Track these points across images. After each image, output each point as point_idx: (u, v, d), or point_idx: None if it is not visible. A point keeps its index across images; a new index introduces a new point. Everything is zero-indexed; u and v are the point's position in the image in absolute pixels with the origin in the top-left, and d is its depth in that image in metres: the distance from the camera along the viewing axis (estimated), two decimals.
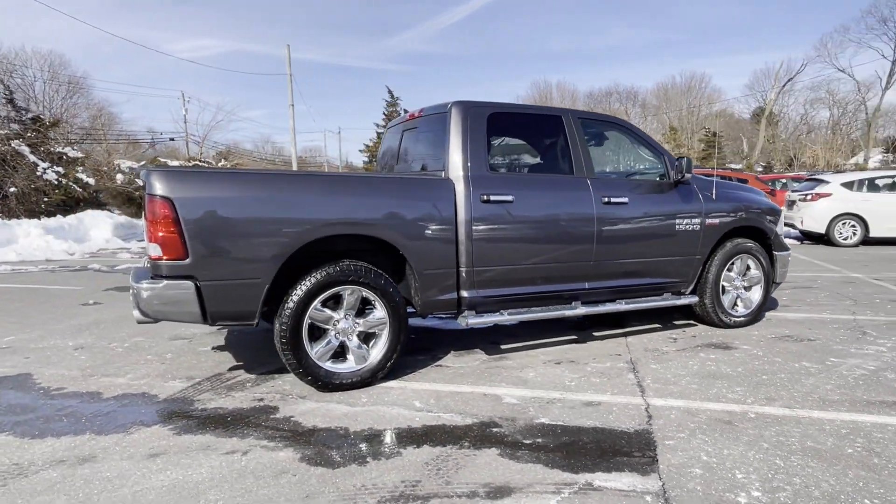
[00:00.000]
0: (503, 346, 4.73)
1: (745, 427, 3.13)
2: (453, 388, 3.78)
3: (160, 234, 3.26)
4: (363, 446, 2.95)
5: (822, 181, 12.33)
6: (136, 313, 3.48)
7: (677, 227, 4.81)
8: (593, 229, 4.42)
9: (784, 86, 49.54)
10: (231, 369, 4.21)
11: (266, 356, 4.49)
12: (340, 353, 3.79)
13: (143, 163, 21.41)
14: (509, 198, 4.10)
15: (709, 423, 3.18)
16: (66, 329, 5.43)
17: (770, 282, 5.39)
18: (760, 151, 50.38)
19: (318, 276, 3.58)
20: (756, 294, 5.35)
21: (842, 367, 4.14)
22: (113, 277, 8.74)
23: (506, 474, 2.65)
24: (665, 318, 5.61)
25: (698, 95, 70.53)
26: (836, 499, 2.42)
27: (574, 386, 3.79)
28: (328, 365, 3.71)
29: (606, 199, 4.47)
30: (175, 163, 22.71)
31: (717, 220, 4.99)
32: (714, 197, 5.00)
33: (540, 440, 3.00)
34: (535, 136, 4.52)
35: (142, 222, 18.28)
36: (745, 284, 5.32)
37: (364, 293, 3.75)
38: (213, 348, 4.77)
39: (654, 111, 73.43)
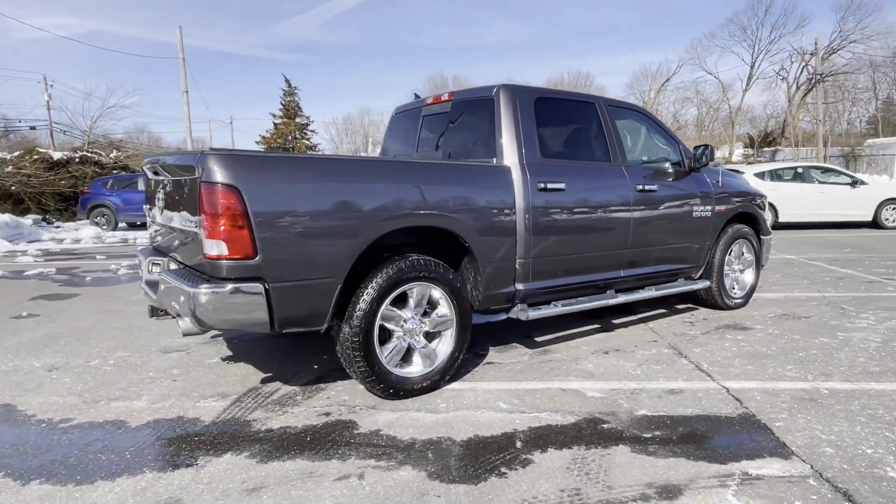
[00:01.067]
0: (538, 339, 4.60)
1: (829, 403, 3.25)
2: (524, 385, 3.60)
3: (224, 228, 2.77)
4: (486, 456, 2.70)
5: (738, 172, 13.48)
6: (186, 324, 2.94)
7: (694, 213, 4.94)
8: (630, 217, 4.41)
9: (662, 85, 53.75)
10: (264, 381, 3.72)
11: (292, 365, 4.03)
12: (404, 357, 3.47)
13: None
14: (562, 185, 3.97)
15: (796, 402, 3.27)
16: (18, 347, 4.54)
17: (760, 265, 5.73)
18: None
19: (391, 272, 3.24)
20: (749, 276, 5.66)
21: (854, 340, 4.47)
22: (30, 285, 7.51)
23: (658, 471, 2.53)
24: (666, 304, 5.78)
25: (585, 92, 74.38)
26: None
27: (641, 375, 3.76)
28: (398, 370, 3.38)
29: (640, 187, 4.48)
30: (57, 155, 20.13)
31: (724, 207, 5.20)
32: (720, 184, 5.20)
33: (659, 433, 2.92)
34: (575, 122, 4.42)
35: (28, 221, 16.08)
36: (740, 268, 5.60)
37: (431, 290, 3.45)
38: (224, 359, 4.21)
39: None
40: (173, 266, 3.47)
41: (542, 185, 3.85)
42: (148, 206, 3.95)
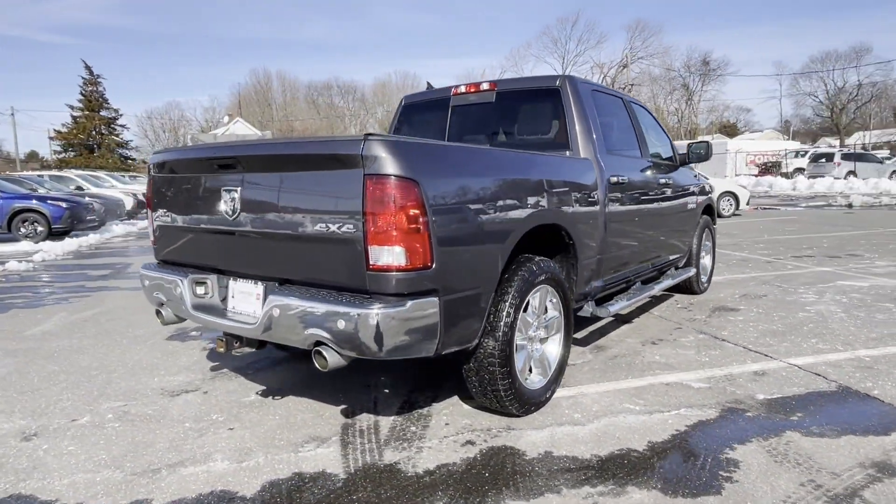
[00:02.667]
0: (578, 337, 4.53)
1: (886, 368, 3.67)
2: (624, 384, 3.51)
3: (401, 232, 2.24)
4: (689, 461, 2.56)
5: None
6: (333, 358, 2.33)
7: (688, 205, 5.27)
8: (659, 209, 4.55)
9: None
10: (349, 415, 3.13)
11: (352, 392, 3.46)
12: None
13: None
14: (626, 178, 3.95)
15: (860, 371, 3.63)
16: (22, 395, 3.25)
17: (715, 251, 6.31)
18: None
19: (526, 276, 2.92)
20: (708, 261, 6.21)
21: (825, 313, 5.12)
22: None
23: (853, 449, 2.62)
24: None
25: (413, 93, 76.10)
26: None
27: (710, 361, 3.89)
28: (528, 382, 3.06)
29: (663, 180, 4.65)
30: None
31: (702, 198, 5.62)
32: (697, 177, 5.62)
33: (801, 413, 3.03)
34: (615, 116, 4.40)
35: None
36: (704, 254, 6.12)
37: (549, 292, 3.19)
38: (262, 395, 3.45)
39: (373, 105, 76.81)
40: (252, 284, 2.75)
41: (616, 179, 3.79)
42: (182, 211, 3.06)
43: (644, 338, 4.47)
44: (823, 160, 27.79)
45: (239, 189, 2.68)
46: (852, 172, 26.27)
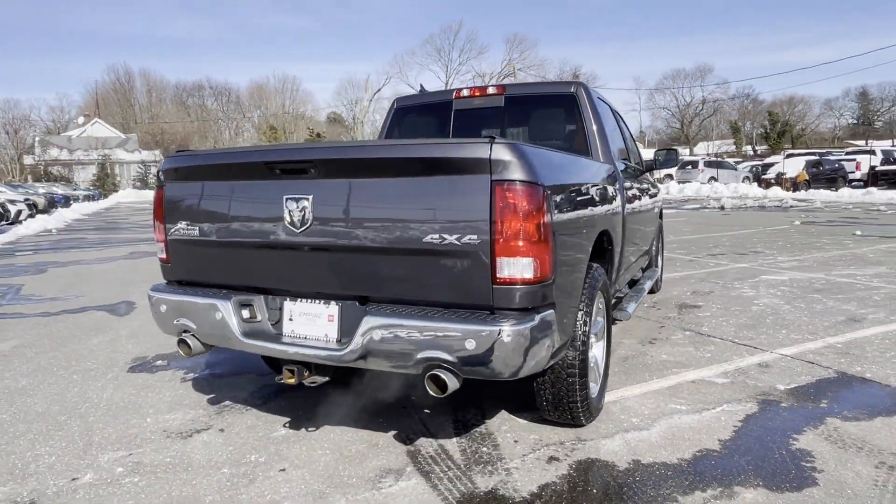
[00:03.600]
0: None
1: (865, 352, 4.09)
2: (654, 385, 3.59)
3: (530, 242, 2.10)
4: (771, 456, 2.66)
5: None
6: (453, 380, 2.12)
7: (655, 209, 5.55)
8: (645, 212, 4.74)
9: (375, 94, 56.80)
10: (407, 441, 2.89)
11: (384, 415, 3.21)
12: None
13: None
14: (635, 185, 4.06)
15: (845, 357, 4.01)
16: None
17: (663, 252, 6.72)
18: None
19: (594, 284, 2.87)
20: (660, 262, 6.59)
21: (772, 305, 5.63)
22: None
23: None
24: None
25: (292, 97, 73.82)
26: None
27: (713, 357, 4.10)
28: (590, 392, 3.02)
29: (646, 185, 4.85)
30: None
31: (660, 201, 5.96)
32: (654, 182, 5.95)
33: (827, 401, 3.28)
34: (610, 122, 4.50)
35: None
36: (659, 255, 6.49)
37: (600, 299, 3.18)
38: (289, 426, 3.09)
39: (249, 108, 73.29)
40: (322, 305, 2.44)
41: (629, 185, 3.89)
42: (216, 223, 2.63)
43: (639, 338, 4.62)
44: (689, 167, 30.86)
45: (310, 197, 2.36)
46: (714, 178, 29.46)
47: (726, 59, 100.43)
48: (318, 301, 2.50)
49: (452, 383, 2.14)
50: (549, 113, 3.97)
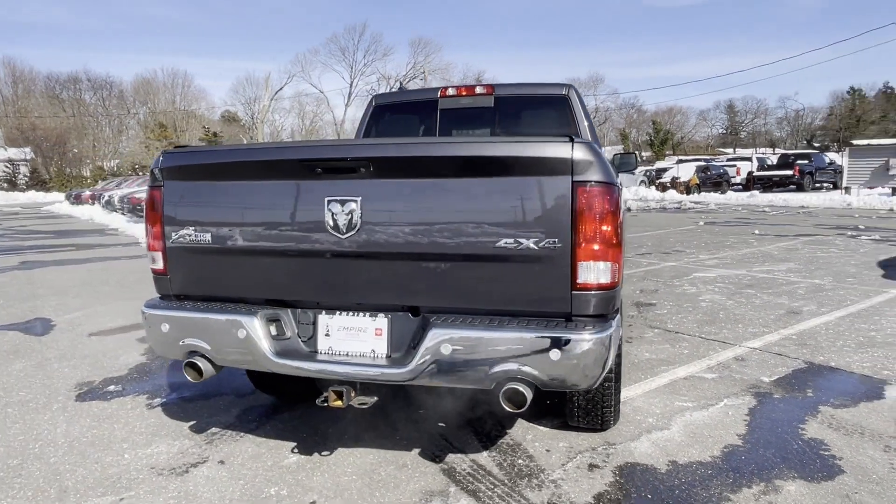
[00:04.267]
0: None
1: (819, 342, 4.43)
2: (650, 385, 3.66)
3: (607, 246, 2.06)
4: (792, 447, 2.78)
5: None
6: (530, 393, 1.99)
7: None
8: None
9: (276, 93, 54.72)
10: (433, 459, 2.72)
11: (379, 432, 3.03)
12: None
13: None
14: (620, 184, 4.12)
15: (806, 347, 4.33)
16: None
17: None
18: None
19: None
20: None
21: (719, 302, 6.00)
22: None
23: (891, 413, 3.11)
24: None
25: (183, 93, 69.53)
26: None
27: (690, 354, 4.27)
28: None
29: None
30: None
31: None
32: None
33: (812, 389, 3.50)
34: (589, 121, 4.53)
35: None
36: None
37: None
38: (298, 452, 2.81)
39: (134, 104, 68.02)
40: (368, 318, 2.22)
41: (619, 186, 3.94)
42: (234, 228, 2.30)
43: None
44: None
45: (359, 200, 2.13)
46: None
47: (616, 69, 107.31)
48: (361, 314, 2.27)
49: (530, 397, 2.02)
50: (542, 114, 3.94)
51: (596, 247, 2.01)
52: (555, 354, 1.98)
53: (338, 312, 2.30)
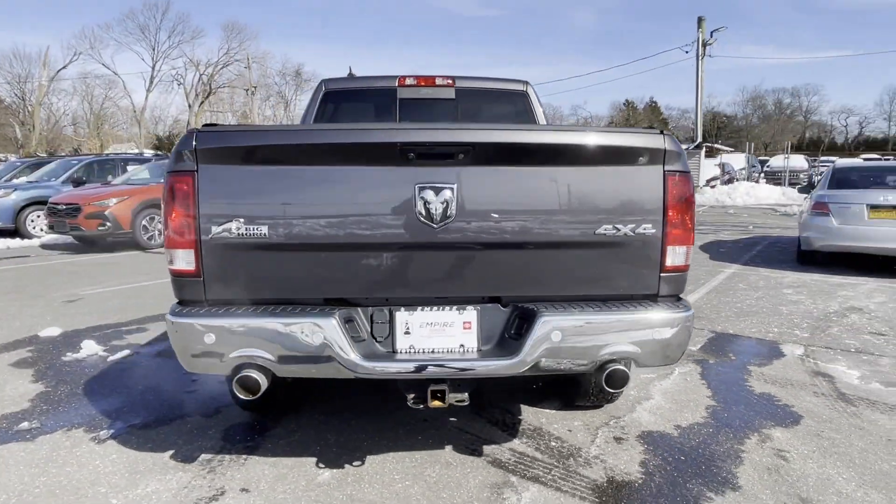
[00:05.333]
0: None
1: (709, 306, 5.19)
2: None
3: (687, 231, 2.25)
4: (772, 402, 3.26)
5: None
6: (628, 372, 2.09)
7: None
8: None
9: (58, 73, 46.84)
10: (474, 453, 2.68)
11: (397, 434, 2.95)
12: None
13: None
14: None
15: (704, 314, 5.05)
16: None
17: None
18: (39, 140, 46.06)
19: None
20: None
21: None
22: None
23: (795, 369, 3.80)
24: None
25: None
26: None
27: None
28: None
29: None
30: None
31: None
32: None
33: (742, 356, 4.11)
34: None
35: None
36: None
37: None
38: (327, 466, 2.56)
39: None
40: (454, 311, 2.13)
41: None
42: (302, 219, 1.99)
43: None
44: None
45: (454, 187, 2.02)
46: None
47: (431, 71, 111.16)
48: (446, 308, 2.14)
49: (630, 376, 2.11)
50: (503, 107, 4.02)
51: (681, 231, 2.18)
52: (658, 333, 2.10)
53: (419, 308, 2.15)
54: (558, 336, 2.06)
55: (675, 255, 2.19)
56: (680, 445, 2.77)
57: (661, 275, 2.20)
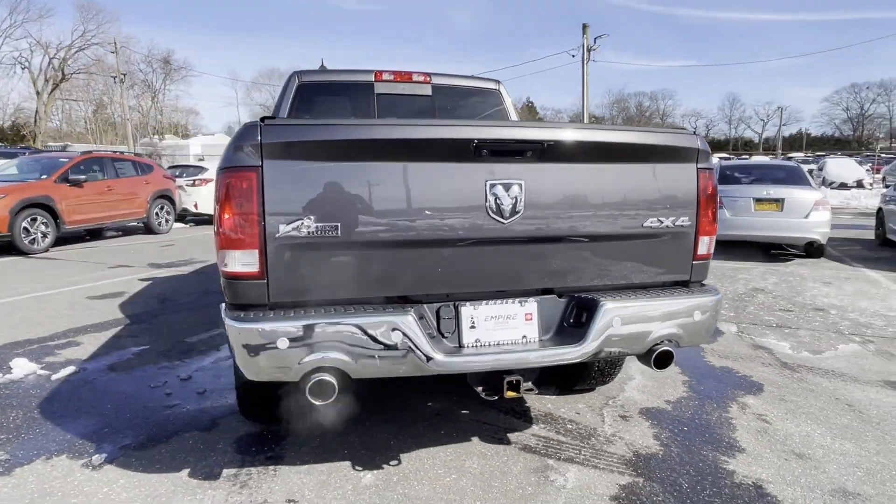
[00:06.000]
0: None
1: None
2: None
3: (711, 222, 2.46)
4: (733, 374, 3.65)
5: (202, 168, 13.27)
6: (674, 351, 2.29)
7: None
8: None
9: None
10: (505, 441, 2.76)
11: (420, 430, 2.99)
12: None
13: None
14: None
15: None
16: None
17: None
18: None
19: None
20: None
21: None
22: None
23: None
24: None
25: None
26: None
27: None
28: None
29: None
30: None
31: None
32: None
33: None
34: None
35: None
36: None
37: None
38: (376, 473, 2.51)
39: None
40: (516, 304, 2.20)
41: None
42: (378, 218, 1.92)
43: None
44: None
45: (522, 183, 2.07)
46: None
47: (312, 64, 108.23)
48: (509, 300, 2.19)
49: (672, 357, 2.30)
50: (478, 105, 4.09)
51: (709, 223, 2.40)
52: (697, 315, 2.31)
53: (483, 302, 2.18)
54: (619, 323, 2.20)
55: (704, 245, 2.43)
56: (678, 417, 3.05)
57: (693, 262, 2.42)
